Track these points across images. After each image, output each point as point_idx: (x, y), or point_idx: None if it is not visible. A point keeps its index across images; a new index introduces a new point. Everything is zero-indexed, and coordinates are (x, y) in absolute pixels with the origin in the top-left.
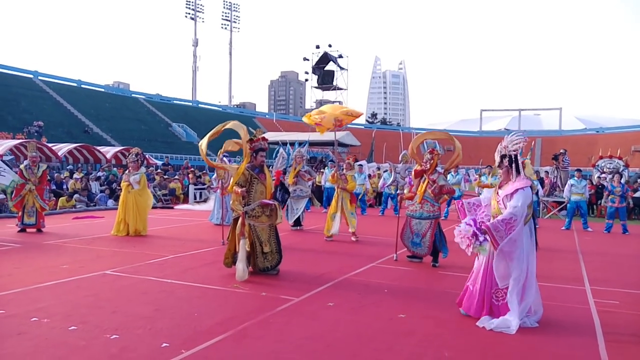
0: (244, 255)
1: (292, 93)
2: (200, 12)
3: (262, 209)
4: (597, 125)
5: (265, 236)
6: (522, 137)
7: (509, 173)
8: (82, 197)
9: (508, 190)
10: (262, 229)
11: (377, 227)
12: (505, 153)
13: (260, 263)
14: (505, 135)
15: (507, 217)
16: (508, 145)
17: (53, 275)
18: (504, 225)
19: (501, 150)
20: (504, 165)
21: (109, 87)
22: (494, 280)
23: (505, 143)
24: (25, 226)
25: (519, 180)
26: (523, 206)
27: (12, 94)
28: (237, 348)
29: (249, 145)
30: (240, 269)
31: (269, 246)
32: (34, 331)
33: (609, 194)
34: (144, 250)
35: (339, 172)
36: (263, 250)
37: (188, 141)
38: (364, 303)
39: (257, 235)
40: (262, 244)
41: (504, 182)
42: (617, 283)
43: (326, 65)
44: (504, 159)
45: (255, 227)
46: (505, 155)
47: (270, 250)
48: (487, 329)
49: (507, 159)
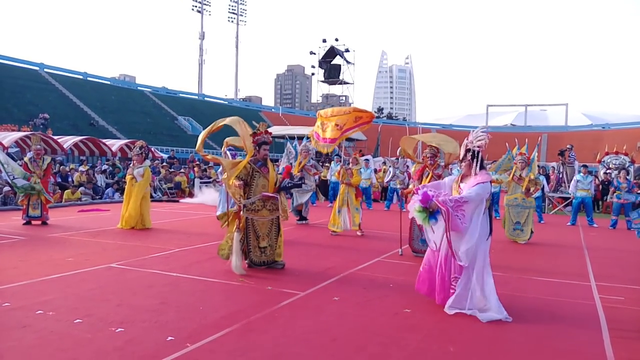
0: (237, 248)
1: (298, 87)
2: (207, 5)
3: (263, 203)
4: (603, 121)
5: (264, 230)
6: (486, 133)
7: (471, 167)
8: (88, 190)
9: (471, 183)
10: (263, 223)
11: (382, 221)
12: (470, 147)
13: (255, 257)
14: (509, 130)
15: (459, 197)
16: (473, 140)
17: (58, 268)
18: (454, 202)
19: (467, 145)
20: (467, 159)
21: (115, 79)
22: (454, 267)
23: (471, 138)
24: (30, 218)
25: (480, 175)
26: (479, 196)
27: (17, 86)
28: (243, 342)
29: (252, 138)
30: (234, 262)
31: (267, 241)
32: (39, 324)
33: (615, 190)
34: (149, 243)
35: (345, 166)
36: (260, 245)
37: (194, 134)
38: (370, 297)
39: (254, 229)
40: (259, 238)
41: (466, 175)
42: (623, 279)
43: (333, 59)
44: (467, 153)
45: (254, 220)
46: (469, 150)
47: (269, 245)
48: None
49: (471, 154)
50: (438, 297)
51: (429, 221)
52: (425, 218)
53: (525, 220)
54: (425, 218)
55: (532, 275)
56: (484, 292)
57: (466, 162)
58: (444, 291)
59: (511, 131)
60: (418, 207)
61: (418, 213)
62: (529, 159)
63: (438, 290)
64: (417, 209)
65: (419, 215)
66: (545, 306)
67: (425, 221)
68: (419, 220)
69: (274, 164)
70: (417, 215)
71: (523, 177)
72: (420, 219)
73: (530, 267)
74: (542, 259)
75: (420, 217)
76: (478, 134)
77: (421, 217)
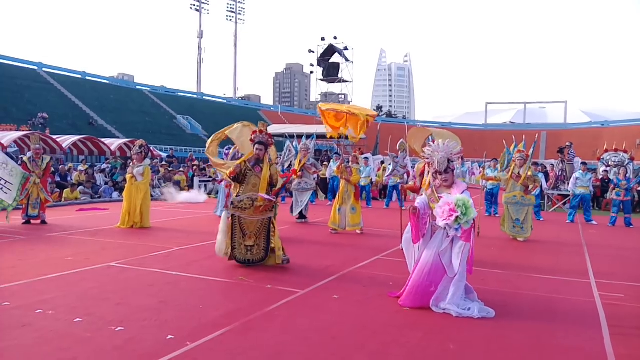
0: (223, 228)
1: (297, 85)
2: (205, 4)
3: (252, 202)
4: (602, 118)
5: (252, 229)
6: (456, 143)
7: (453, 176)
8: (87, 189)
9: (457, 192)
10: (250, 222)
11: (382, 219)
12: (451, 158)
13: (239, 254)
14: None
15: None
16: (451, 151)
17: (58, 267)
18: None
19: (448, 156)
20: (450, 169)
21: (113, 79)
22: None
23: (448, 150)
24: (29, 218)
25: (459, 184)
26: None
27: (16, 85)
28: (242, 340)
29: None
30: (219, 241)
31: (254, 240)
32: (39, 323)
33: (615, 187)
34: (148, 242)
35: (344, 164)
36: (245, 243)
37: (193, 133)
38: (369, 295)
39: (240, 226)
40: (245, 236)
41: (446, 185)
42: (622, 276)
43: (331, 58)
44: (450, 163)
45: (241, 218)
46: (451, 160)
47: (256, 244)
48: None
49: (453, 164)
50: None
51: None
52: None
53: (525, 217)
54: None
55: (532, 272)
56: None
57: (450, 172)
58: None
59: (510, 129)
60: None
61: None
62: (527, 156)
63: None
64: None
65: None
66: (545, 303)
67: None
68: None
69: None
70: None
71: (521, 174)
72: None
73: (530, 264)
74: (542, 256)
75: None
76: (454, 144)
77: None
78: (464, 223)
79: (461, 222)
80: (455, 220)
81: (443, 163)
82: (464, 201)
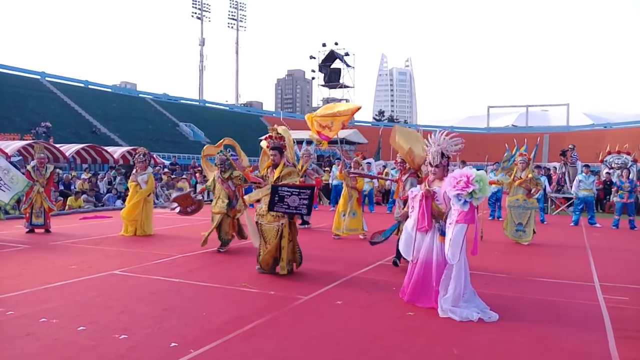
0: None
1: (299, 91)
2: (207, 12)
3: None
4: (604, 120)
5: (269, 236)
6: (460, 139)
7: (444, 171)
8: (90, 198)
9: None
10: (269, 229)
11: (385, 224)
12: (445, 153)
13: (264, 263)
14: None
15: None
16: (448, 145)
17: (61, 275)
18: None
19: (442, 149)
20: (442, 165)
21: (116, 87)
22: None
23: (444, 143)
24: (33, 227)
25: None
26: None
27: (19, 95)
28: (246, 347)
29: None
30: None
31: (270, 246)
32: (42, 331)
33: (618, 190)
34: (151, 250)
35: (346, 169)
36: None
37: (195, 140)
38: (373, 301)
39: (262, 234)
40: (266, 243)
41: (438, 179)
42: (627, 279)
43: (332, 63)
44: (442, 158)
45: (262, 225)
46: (444, 155)
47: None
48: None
49: (446, 159)
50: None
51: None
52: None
53: (527, 221)
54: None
55: (536, 276)
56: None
57: (441, 167)
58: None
59: (512, 132)
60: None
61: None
62: (529, 160)
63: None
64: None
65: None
66: (549, 307)
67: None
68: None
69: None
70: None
71: (523, 178)
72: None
73: (534, 268)
74: (546, 259)
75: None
76: (456, 140)
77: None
78: (475, 200)
79: (474, 197)
80: (469, 193)
81: (436, 156)
82: (482, 177)
